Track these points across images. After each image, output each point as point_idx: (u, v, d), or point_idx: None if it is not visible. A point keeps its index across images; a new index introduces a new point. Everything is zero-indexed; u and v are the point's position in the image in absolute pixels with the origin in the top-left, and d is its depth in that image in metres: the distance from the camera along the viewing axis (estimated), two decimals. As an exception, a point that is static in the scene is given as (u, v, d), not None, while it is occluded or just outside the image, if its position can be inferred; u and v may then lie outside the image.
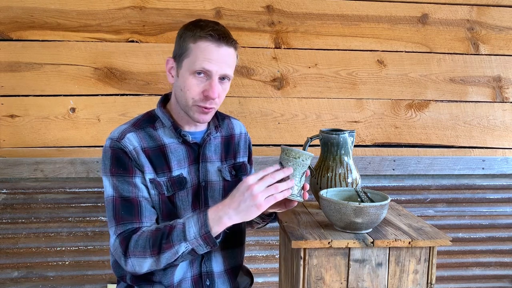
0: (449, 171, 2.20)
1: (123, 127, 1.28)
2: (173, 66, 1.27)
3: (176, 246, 1.13)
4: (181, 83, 1.24)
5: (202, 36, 1.20)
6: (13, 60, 1.95)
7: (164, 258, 1.15)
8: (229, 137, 1.42)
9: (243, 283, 1.44)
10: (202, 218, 1.13)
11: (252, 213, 1.10)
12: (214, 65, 1.20)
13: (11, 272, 2.04)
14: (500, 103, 2.23)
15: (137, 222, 1.21)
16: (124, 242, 1.18)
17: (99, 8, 1.97)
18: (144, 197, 1.24)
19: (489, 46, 2.19)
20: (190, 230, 1.13)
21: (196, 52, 1.20)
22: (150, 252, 1.15)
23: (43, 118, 1.99)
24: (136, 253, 1.16)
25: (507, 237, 2.29)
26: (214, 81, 1.22)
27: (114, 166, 1.23)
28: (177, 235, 1.14)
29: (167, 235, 1.14)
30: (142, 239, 1.17)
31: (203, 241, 1.13)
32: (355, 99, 2.15)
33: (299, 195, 1.16)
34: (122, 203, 1.22)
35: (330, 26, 2.10)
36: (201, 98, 1.23)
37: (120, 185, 1.22)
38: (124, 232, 1.20)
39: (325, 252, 1.18)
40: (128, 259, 1.17)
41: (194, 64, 1.20)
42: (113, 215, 1.22)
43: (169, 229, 1.16)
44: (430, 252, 1.21)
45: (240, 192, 1.11)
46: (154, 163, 1.26)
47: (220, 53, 1.21)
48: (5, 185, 1.99)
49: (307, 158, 1.17)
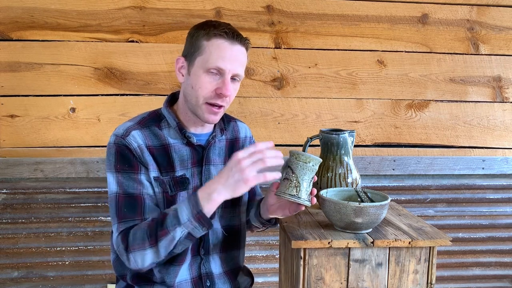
0: (449, 171, 2.20)
1: (128, 124, 1.27)
2: (183, 65, 1.26)
3: (172, 231, 1.12)
4: (193, 81, 1.22)
5: (217, 33, 1.20)
6: (13, 60, 1.95)
7: (162, 247, 1.14)
8: (234, 140, 1.41)
9: (243, 283, 1.44)
10: (192, 200, 1.12)
11: (239, 187, 1.08)
12: (227, 63, 1.20)
13: (11, 272, 2.04)
14: (500, 103, 2.23)
15: (139, 219, 1.20)
16: (124, 238, 1.18)
17: (99, 8, 1.97)
18: (148, 194, 1.23)
19: (489, 46, 2.19)
20: (183, 213, 1.11)
21: (210, 49, 1.20)
22: (148, 242, 1.14)
23: (43, 118, 1.99)
24: (136, 246, 1.15)
25: (507, 237, 2.29)
26: (227, 79, 1.21)
27: (119, 163, 1.22)
28: (171, 221, 1.12)
29: (161, 223, 1.13)
30: (139, 232, 1.16)
31: (197, 222, 1.11)
32: (355, 99, 2.15)
33: (307, 199, 1.16)
34: (126, 200, 1.21)
35: (330, 26, 2.10)
36: (213, 96, 1.22)
37: (125, 181, 1.21)
38: (126, 229, 1.19)
39: (325, 252, 1.18)
40: (129, 254, 1.16)
41: (207, 61, 1.20)
42: (115, 212, 1.21)
43: (162, 217, 1.15)
44: (430, 252, 1.21)
45: (228, 167, 1.10)
46: (158, 161, 1.25)
47: (233, 51, 1.21)
48: (5, 185, 1.99)
49: (317, 163, 1.17)
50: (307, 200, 1.16)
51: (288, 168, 1.17)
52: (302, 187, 1.15)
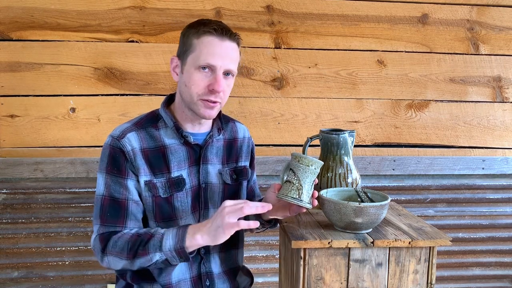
0: (449, 171, 2.20)
1: (125, 125, 1.29)
2: (177, 64, 1.28)
3: (151, 254, 1.16)
4: (186, 79, 1.24)
5: (206, 31, 1.21)
6: (13, 60, 1.95)
7: (138, 262, 1.18)
8: (232, 140, 1.42)
9: (243, 283, 1.44)
10: (180, 234, 1.15)
11: (219, 234, 1.10)
12: (218, 60, 1.21)
13: (11, 272, 2.04)
14: (500, 103, 2.23)
15: (121, 226, 1.24)
16: (103, 240, 1.21)
17: (99, 8, 1.97)
18: (133, 200, 1.25)
19: (489, 46, 2.19)
20: (167, 242, 1.15)
21: (200, 46, 1.21)
22: (126, 255, 1.18)
23: (43, 118, 1.99)
24: (114, 252, 1.19)
25: (507, 237, 2.29)
26: (219, 75, 1.22)
27: (110, 165, 1.24)
28: (153, 244, 1.16)
29: (145, 243, 1.17)
30: (121, 241, 1.19)
31: (176, 254, 1.15)
32: (355, 99, 2.15)
33: (309, 202, 1.17)
34: (110, 204, 1.24)
35: (330, 26, 2.10)
36: (206, 92, 1.23)
37: (113, 184, 1.24)
38: (105, 233, 1.23)
39: (325, 252, 1.18)
40: (105, 256, 1.21)
41: (198, 59, 1.21)
42: (99, 214, 1.24)
43: (148, 237, 1.18)
44: (430, 252, 1.21)
45: (216, 213, 1.13)
46: (152, 164, 1.26)
47: (223, 47, 1.22)
48: (5, 185, 1.99)
49: (319, 166, 1.17)
50: (308, 203, 1.16)
51: (290, 171, 1.17)
52: (304, 189, 1.15)
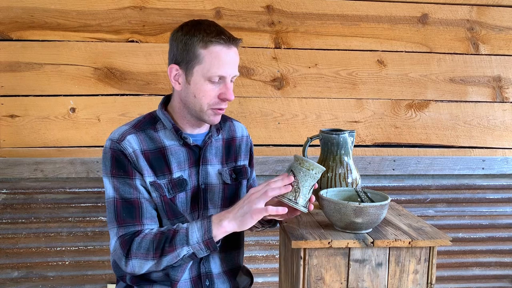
0: (449, 171, 2.20)
1: (124, 128, 1.28)
2: (177, 72, 1.25)
3: (178, 249, 1.16)
4: (195, 90, 1.23)
5: (213, 41, 1.20)
6: (13, 60, 1.95)
7: (165, 261, 1.17)
8: (231, 139, 1.42)
9: (242, 283, 1.44)
10: (206, 224, 1.16)
11: (246, 219, 1.12)
12: (228, 69, 1.22)
13: (11, 272, 2.04)
14: (500, 103, 2.23)
15: (139, 224, 1.22)
16: (125, 244, 1.19)
17: (99, 8, 1.97)
18: (145, 198, 1.24)
19: (489, 46, 2.19)
20: (193, 235, 1.15)
21: (209, 58, 1.20)
22: (152, 254, 1.17)
23: (43, 118, 1.99)
24: (139, 254, 1.18)
25: (507, 237, 2.29)
26: (229, 84, 1.24)
27: (115, 168, 1.23)
28: (180, 239, 1.16)
29: (170, 239, 1.17)
30: (145, 242, 1.18)
31: (204, 246, 1.15)
32: (355, 99, 2.15)
33: (304, 205, 1.16)
34: (124, 205, 1.22)
35: (330, 26, 2.10)
36: (217, 102, 1.24)
37: (121, 186, 1.23)
38: (126, 235, 1.21)
39: (325, 252, 1.18)
40: (129, 260, 1.18)
41: (208, 71, 1.20)
42: (114, 217, 1.22)
43: (172, 233, 1.17)
44: (430, 252, 1.21)
45: (242, 199, 1.15)
46: (153, 165, 1.26)
47: (230, 55, 1.23)
48: (5, 185, 1.99)
49: (320, 172, 1.17)
50: (303, 206, 1.16)
51: (291, 172, 1.17)
52: (301, 193, 1.15)
